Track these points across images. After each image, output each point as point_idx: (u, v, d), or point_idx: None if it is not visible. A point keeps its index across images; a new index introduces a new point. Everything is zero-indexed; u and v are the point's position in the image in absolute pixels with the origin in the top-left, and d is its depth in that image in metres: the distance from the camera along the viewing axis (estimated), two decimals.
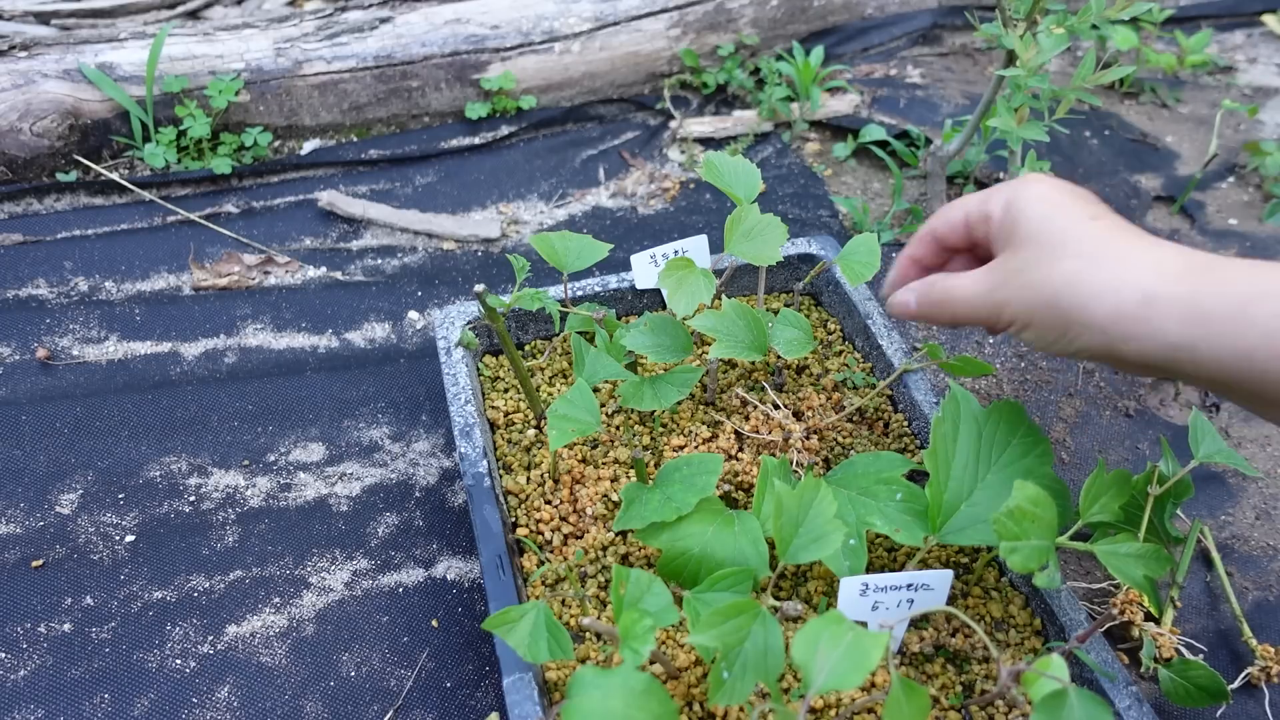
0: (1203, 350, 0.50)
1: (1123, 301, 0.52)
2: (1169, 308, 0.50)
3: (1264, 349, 0.48)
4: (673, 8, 1.40)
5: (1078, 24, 0.90)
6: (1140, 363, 0.53)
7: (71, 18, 1.46)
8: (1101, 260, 0.53)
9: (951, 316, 0.62)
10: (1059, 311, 0.54)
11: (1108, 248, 0.53)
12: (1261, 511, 0.88)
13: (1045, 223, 0.56)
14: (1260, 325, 0.48)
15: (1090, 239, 0.54)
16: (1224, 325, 0.49)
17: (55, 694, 0.74)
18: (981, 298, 0.59)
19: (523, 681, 0.62)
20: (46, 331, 1.04)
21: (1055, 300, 0.54)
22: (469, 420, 0.80)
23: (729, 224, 0.80)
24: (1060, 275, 0.54)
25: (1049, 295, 0.55)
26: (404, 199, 1.24)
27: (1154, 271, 0.52)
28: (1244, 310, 0.49)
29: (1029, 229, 0.57)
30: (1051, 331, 0.55)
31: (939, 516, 0.67)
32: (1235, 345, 0.49)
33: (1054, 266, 0.55)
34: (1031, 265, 0.56)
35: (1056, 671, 0.52)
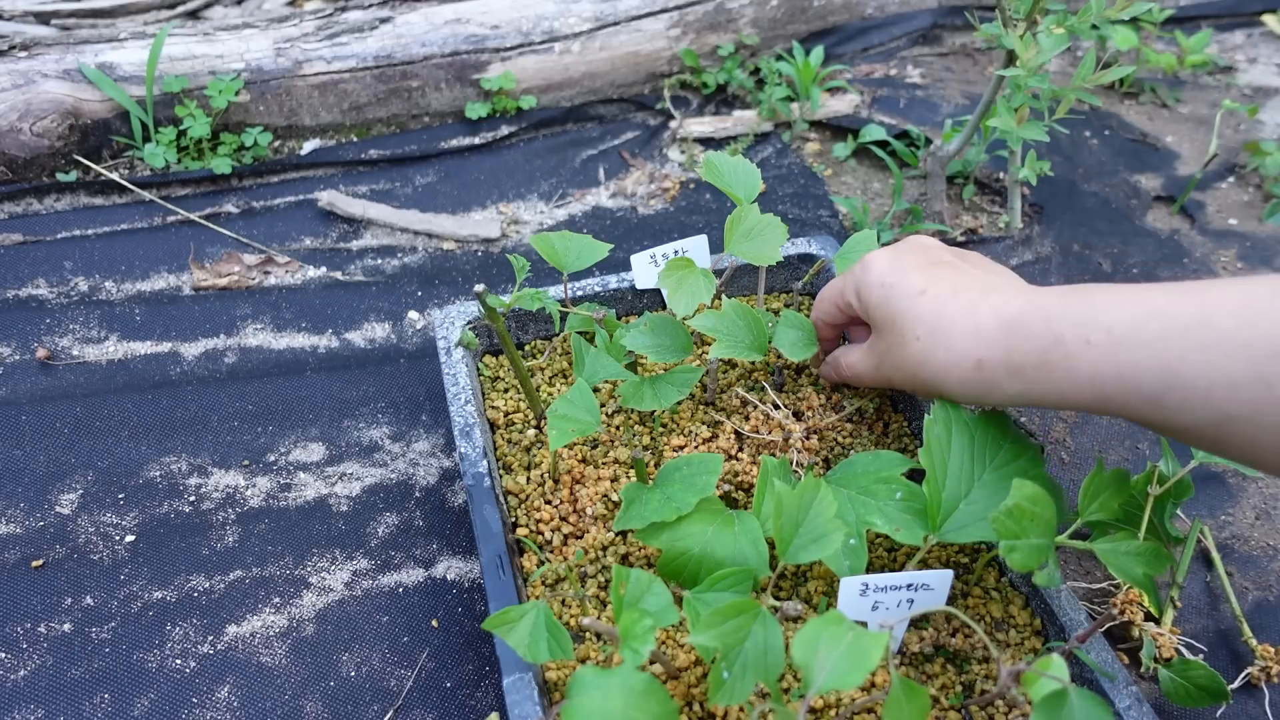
0: (1032, 394, 0.58)
1: (963, 372, 0.61)
2: (996, 369, 0.59)
3: (1067, 386, 0.56)
4: (673, 8, 1.40)
5: (1078, 24, 0.90)
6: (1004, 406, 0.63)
7: (71, 18, 1.46)
8: (937, 339, 0.62)
9: (857, 381, 0.75)
10: (925, 384, 0.64)
11: (938, 323, 0.62)
12: (1261, 511, 0.88)
13: (887, 307, 0.66)
14: (1059, 369, 0.56)
15: (924, 318, 0.63)
16: (1036, 373, 0.57)
17: (55, 694, 0.74)
18: (872, 374, 0.71)
19: (523, 681, 0.62)
20: (46, 331, 1.04)
21: (917, 376, 0.64)
22: (469, 420, 0.80)
23: (729, 224, 0.80)
24: (911, 358, 0.64)
25: (912, 373, 0.65)
26: (404, 199, 1.24)
27: (975, 339, 0.60)
28: (1045, 359, 0.56)
29: (878, 316, 0.67)
30: (931, 394, 0.66)
31: (938, 515, 0.67)
32: (1049, 388, 0.57)
33: (905, 351, 0.64)
34: (892, 350, 0.66)
35: (1056, 671, 0.52)
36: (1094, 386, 0.54)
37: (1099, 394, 0.54)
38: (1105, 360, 0.54)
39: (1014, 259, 1.13)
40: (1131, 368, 0.53)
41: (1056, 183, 1.26)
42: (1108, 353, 0.53)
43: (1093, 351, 0.54)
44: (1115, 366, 0.53)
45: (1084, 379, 0.55)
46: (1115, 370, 0.53)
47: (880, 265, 0.67)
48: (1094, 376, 0.54)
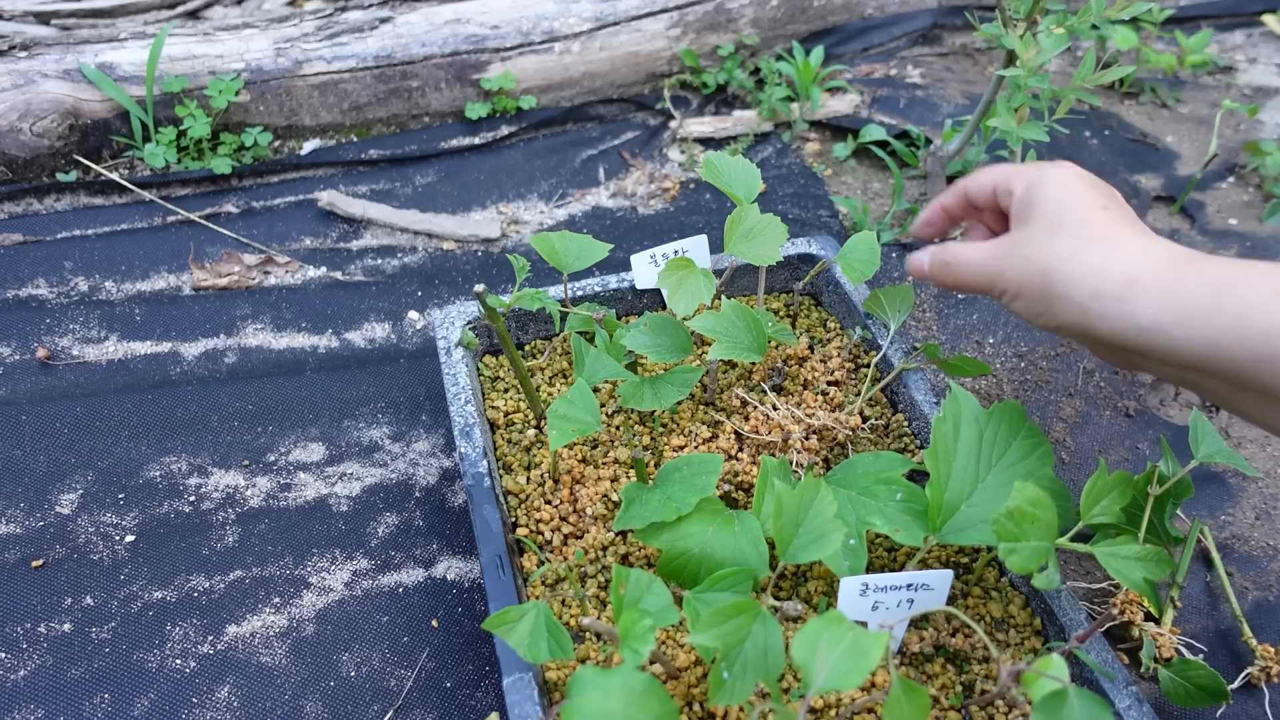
0: (1175, 335, 0.53)
1: (1105, 282, 0.55)
2: (1147, 292, 0.54)
3: (1231, 336, 0.51)
4: (673, 8, 1.40)
5: (1078, 24, 0.90)
6: (1113, 342, 0.56)
7: (71, 18, 1.46)
8: (1095, 243, 0.57)
9: (955, 279, 0.66)
10: (1047, 284, 0.58)
11: (1104, 234, 0.57)
12: (1261, 511, 0.88)
13: (1057, 205, 0.60)
14: (1229, 313, 0.51)
15: (1091, 224, 0.58)
16: (1196, 311, 0.52)
17: (55, 694, 0.74)
18: (983, 264, 0.64)
19: (523, 681, 0.62)
20: (46, 331, 1.04)
21: (1045, 274, 0.58)
22: (469, 420, 0.80)
23: (729, 224, 0.80)
24: (1055, 251, 0.58)
25: (1040, 268, 0.59)
26: (404, 199, 1.24)
27: (1140, 258, 0.55)
28: (1215, 299, 0.51)
29: (1042, 209, 0.61)
30: (1038, 303, 0.59)
31: (939, 516, 0.67)
32: (1204, 332, 0.51)
33: (1051, 243, 0.59)
34: (1033, 240, 0.60)
35: (1056, 671, 0.52)
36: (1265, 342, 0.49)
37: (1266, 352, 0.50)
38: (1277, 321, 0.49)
39: None
40: None
41: None
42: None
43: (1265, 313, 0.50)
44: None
45: (1257, 330, 0.50)
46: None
47: (1070, 171, 0.63)
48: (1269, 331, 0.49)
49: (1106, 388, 0.99)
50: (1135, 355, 0.56)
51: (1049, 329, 0.60)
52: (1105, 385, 0.99)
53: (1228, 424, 0.97)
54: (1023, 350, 1.02)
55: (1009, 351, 1.02)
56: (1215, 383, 0.54)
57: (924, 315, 1.06)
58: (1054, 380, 0.99)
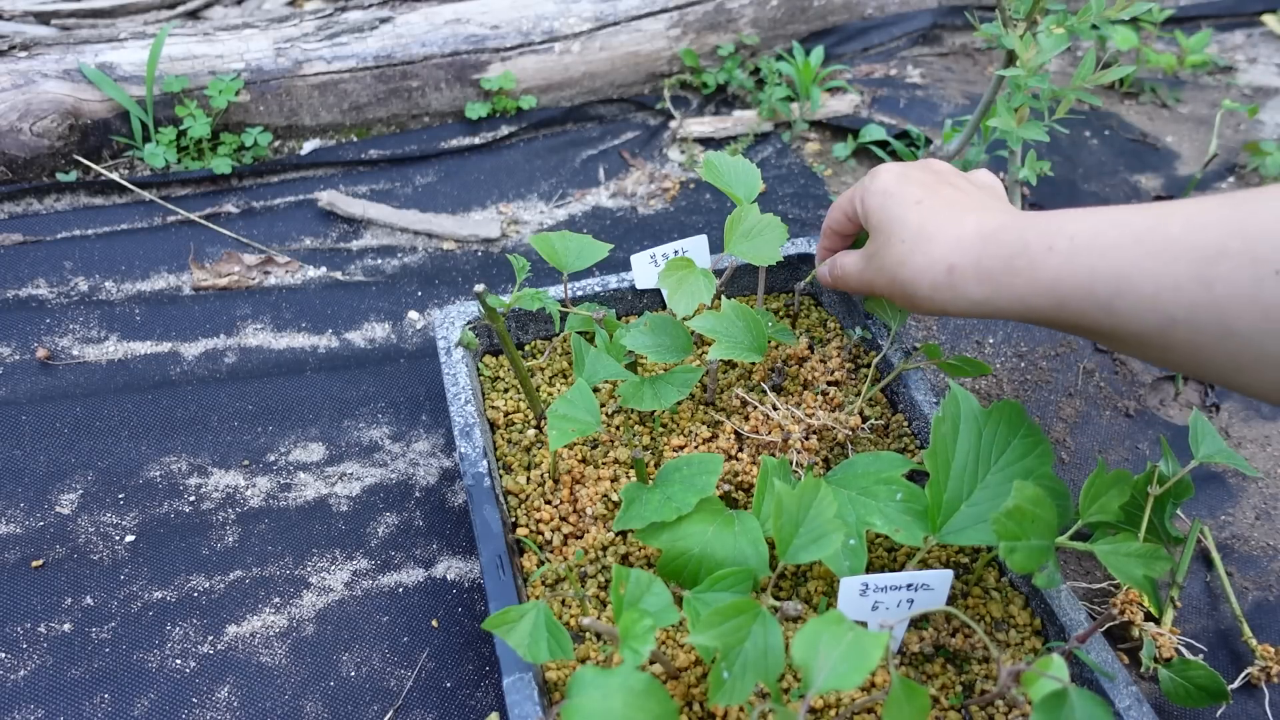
0: (996, 300, 0.60)
1: (935, 275, 0.63)
2: (965, 274, 0.62)
3: (1031, 294, 0.58)
4: (673, 8, 1.40)
5: (1078, 24, 0.90)
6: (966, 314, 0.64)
7: (71, 18, 1.46)
8: (919, 244, 0.65)
9: (849, 287, 0.76)
10: (900, 287, 0.67)
11: (923, 230, 0.65)
12: (1261, 511, 0.88)
13: (882, 213, 0.69)
14: (1022, 275, 0.58)
15: (911, 225, 0.66)
16: (1001, 279, 0.60)
17: (55, 694, 0.74)
18: (860, 275, 0.73)
19: (523, 681, 0.62)
20: (46, 331, 1.04)
21: (895, 279, 0.67)
22: (469, 420, 0.80)
23: (729, 224, 0.80)
24: (893, 260, 0.67)
25: (892, 275, 0.67)
26: (404, 199, 1.24)
27: (953, 245, 0.63)
28: (1010, 265, 0.59)
29: (874, 220, 0.70)
30: (903, 300, 0.68)
31: (939, 516, 0.67)
32: (1012, 293, 0.59)
33: (890, 252, 0.67)
34: (879, 252, 0.69)
35: (1056, 671, 0.52)
36: (1053, 293, 0.57)
37: (1057, 300, 0.57)
38: (1064, 266, 0.56)
39: None
40: (1088, 272, 0.55)
41: (1056, 183, 1.26)
42: (1067, 259, 0.56)
43: (1054, 258, 0.57)
44: (1073, 272, 0.56)
45: (1044, 284, 0.57)
46: (1073, 275, 0.56)
47: (886, 176, 0.70)
48: (1054, 282, 0.57)
49: (1106, 388, 0.99)
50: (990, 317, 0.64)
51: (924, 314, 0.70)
52: (1105, 385, 0.99)
53: (1228, 424, 0.97)
54: (1023, 350, 1.02)
55: (1009, 351, 1.02)
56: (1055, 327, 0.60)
57: (924, 315, 1.06)
58: (1054, 380, 0.99)
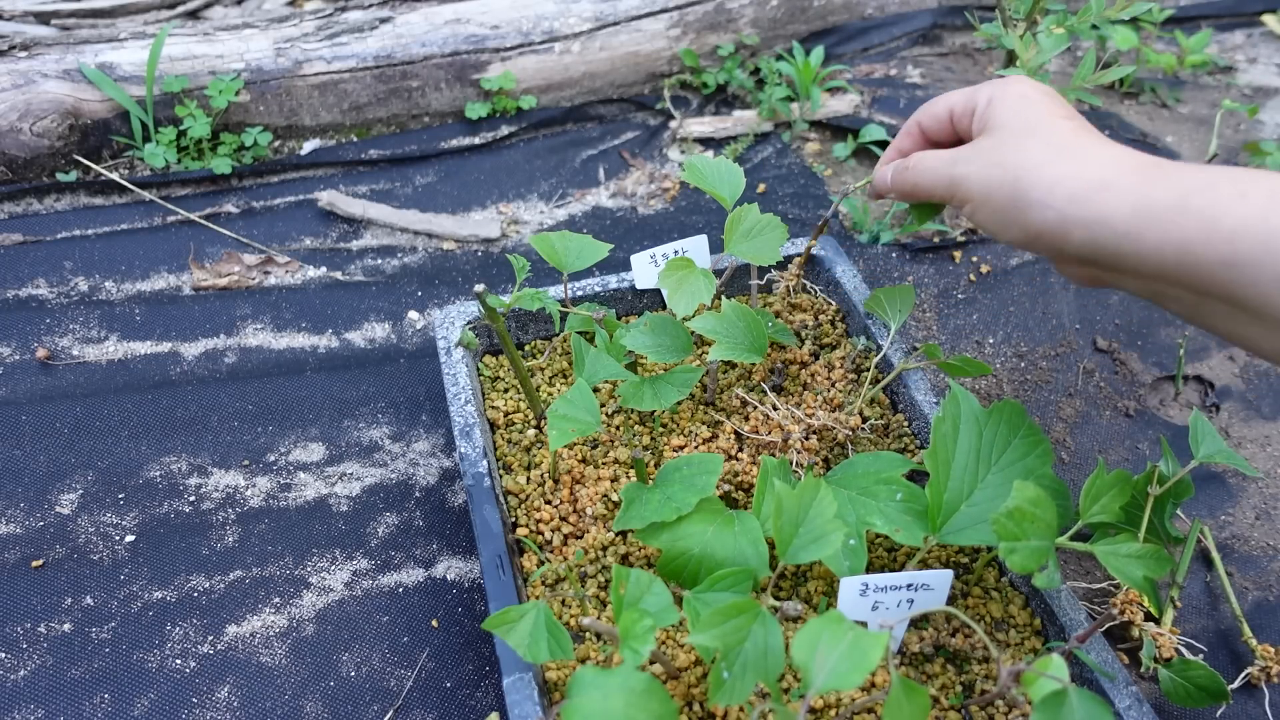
0: (1147, 238, 0.53)
1: (1080, 187, 0.55)
2: (1121, 196, 0.54)
3: (1199, 238, 0.51)
4: (673, 8, 1.40)
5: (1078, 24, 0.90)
6: (1085, 250, 0.56)
7: (71, 18, 1.46)
8: (1066, 150, 0.57)
9: (915, 185, 0.66)
10: (1019, 190, 0.57)
11: (1073, 142, 0.58)
12: (1261, 511, 0.88)
13: (1020, 114, 0.60)
14: (1196, 214, 0.51)
15: (1059, 133, 0.58)
16: (1167, 214, 0.52)
17: (55, 694, 0.74)
18: (947, 168, 0.63)
19: (523, 681, 0.62)
20: (46, 331, 1.04)
21: (1017, 179, 0.58)
22: (469, 420, 0.80)
23: (729, 224, 0.80)
24: (1026, 157, 0.58)
25: (1012, 173, 0.58)
26: (404, 199, 1.24)
27: (1112, 165, 0.55)
28: (1185, 200, 0.52)
29: (1006, 117, 0.61)
30: (1008, 211, 0.58)
31: (939, 516, 0.68)
32: (1174, 234, 0.52)
33: (1021, 149, 0.59)
34: (1001, 147, 0.60)
35: (1056, 671, 0.52)
36: (1230, 245, 0.50)
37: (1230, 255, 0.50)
38: (1257, 218, 0.49)
39: (1014, 259, 1.13)
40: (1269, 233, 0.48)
41: None
42: (1264, 211, 0.49)
43: (1245, 206, 0.50)
44: (1265, 228, 0.49)
45: (1222, 233, 0.50)
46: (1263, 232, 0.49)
47: (1028, 84, 0.63)
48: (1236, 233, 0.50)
49: (1106, 388, 0.99)
50: (1106, 266, 0.56)
51: (1015, 240, 0.59)
52: (1105, 385, 1.00)
53: (1228, 424, 0.97)
54: (1023, 350, 1.02)
55: (1009, 351, 1.02)
56: (1183, 292, 0.54)
57: (924, 315, 1.06)
58: (1054, 380, 0.99)
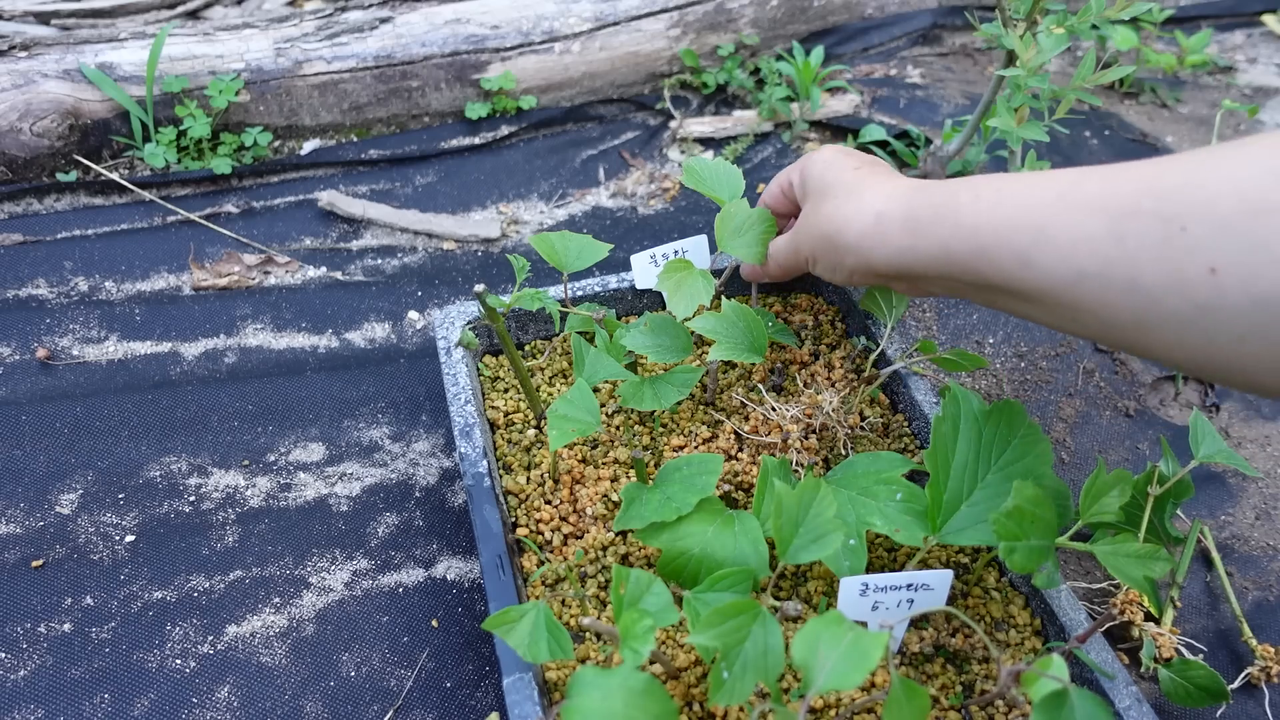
0: (919, 248, 0.63)
1: (864, 223, 0.66)
2: (892, 221, 0.64)
3: (954, 240, 0.60)
4: (673, 8, 1.40)
5: (1078, 24, 0.90)
6: (887, 269, 0.66)
7: (71, 18, 1.46)
8: (850, 195, 0.68)
9: (776, 265, 0.79)
10: (829, 241, 0.69)
11: (857, 187, 0.69)
12: (1261, 511, 0.88)
13: (821, 179, 0.72)
14: (947, 221, 0.61)
15: (847, 184, 0.69)
16: (927, 226, 0.62)
17: (55, 694, 0.74)
18: (787, 243, 0.77)
19: (523, 681, 0.62)
20: (46, 331, 1.04)
21: (825, 233, 0.70)
22: (469, 420, 0.80)
23: (719, 222, 0.80)
24: (826, 213, 0.70)
25: (822, 230, 0.70)
26: (404, 199, 1.24)
27: (884, 197, 0.66)
28: (937, 213, 0.62)
29: (812, 186, 0.73)
30: (829, 256, 0.70)
31: (939, 516, 0.68)
32: (935, 240, 0.62)
33: (822, 208, 0.70)
34: (813, 211, 0.72)
35: (1056, 671, 0.52)
36: (974, 238, 0.59)
37: (977, 247, 0.59)
38: (987, 213, 0.59)
39: None
40: (1008, 222, 0.57)
41: None
42: (992, 207, 0.59)
43: (979, 205, 0.59)
44: (995, 220, 0.58)
45: (966, 230, 0.59)
46: (994, 223, 0.58)
47: (827, 150, 0.75)
48: (975, 229, 0.59)
49: (1106, 388, 0.99)
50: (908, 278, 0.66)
51: (846, 281, 0.71)
52: (1105, 385, 1.00)
53: (1228, 424, 0.97)
54: (1023, 350, 1.02)
55: (1009, 351, 1.02)
56: (965, 286, 0.62)
57: (924, 315, 1.06)
58: (1054, 380, 0.99)
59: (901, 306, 0.85)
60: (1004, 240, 0.57)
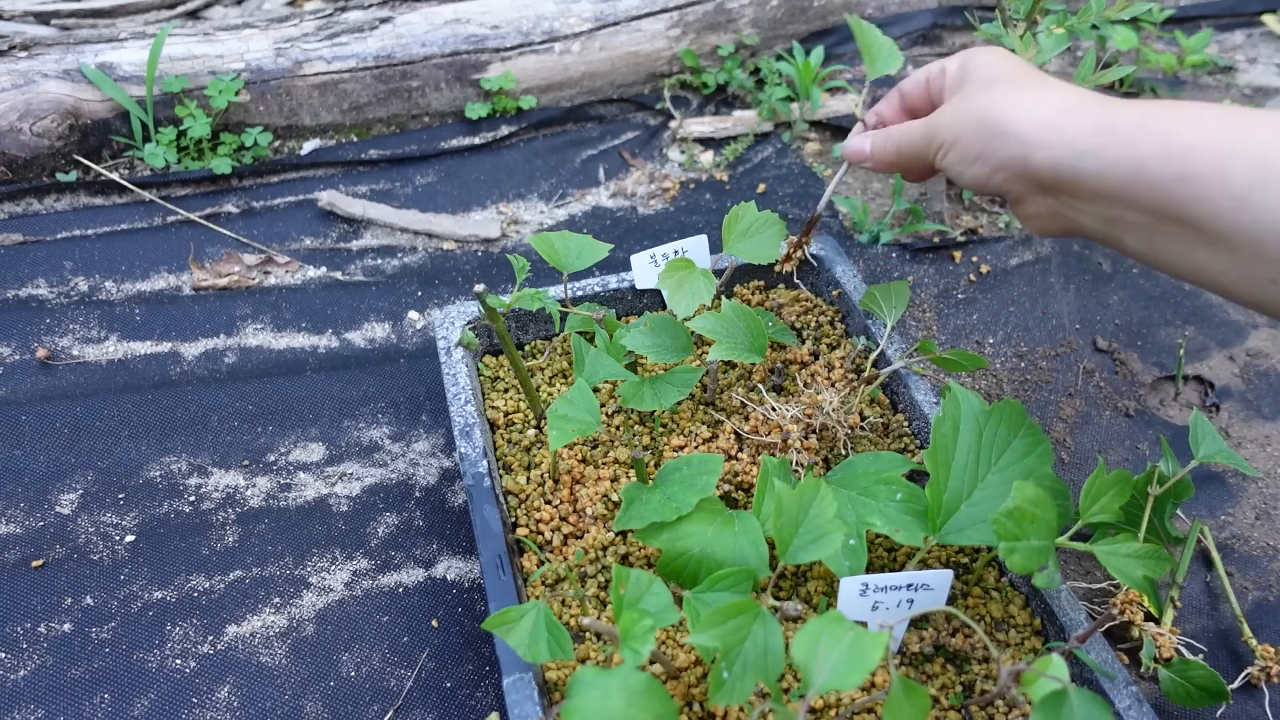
0: (1105, 155, 0.56)
1: (1042, 112, 0.59)
2: (1081, 118, 0.58)
3: (1155, 153, 0.54)
4: (673, 8, 1.40)
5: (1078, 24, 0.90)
6: (1045, 172, 0.59)
7: (71, 18, 1.46)
8: (1030, 88, 0.62)
9: (894, 148, 0.71)
10: (985, 125, 0.62)
11: (1037, 81, 0.63)
12: (1261, 511, 0.88)
13: (988, 66, 0.66)
14: (1154, 132, 0.55)
15: (1024, 77, 0.64)
16: (1125, 131, 0.56)
17: (55, 694, 0.74)
18: (922, 126, 0.68)
19: (523, 681, 0.62)
20: (46, 331, 1.04)
21: (983, 116, 0.62)
22: (469, 420, 0.80)
23: (727, 222, 0.80)
24: (991, 98, 0.63)
25: (979, 113, 0.63)
26: (404, 199, 1.24)
27: (1074, 95, 0.60)
28: (1143, 120, 0.56)
29: (977, 74, 0.66)
30: (975, 143, 0.63)
31: (939, 516, 0.67)
32: (1132, 151, 0.55)
33: (989, 93, 0.63)
34: (970, 96, 0.65)
35: (1056, 671, 0.52)
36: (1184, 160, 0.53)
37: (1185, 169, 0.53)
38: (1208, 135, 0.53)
39: (1014, 259, 1.13)
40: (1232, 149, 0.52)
41: None
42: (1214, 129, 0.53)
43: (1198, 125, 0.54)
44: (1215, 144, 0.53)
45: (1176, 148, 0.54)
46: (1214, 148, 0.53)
47: (995, 51, 0.68)
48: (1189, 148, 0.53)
49: (1106, 388, 0.99)
50: (1065, 191, 0.60)
51: (979, 175, 0.63)
52: (1105, 385, 0.99)
53: (1228, 424, 0.97)
54: (1023, 350, 1.02)
55: (1009, 351, 1.02)
56: (1138, 215, 0.57)
57: (924, 315, 1.06)
58: (1054, 380, 0.99)
59: (901, 307, 0.85)
60: (1222, 169, 0.51)
